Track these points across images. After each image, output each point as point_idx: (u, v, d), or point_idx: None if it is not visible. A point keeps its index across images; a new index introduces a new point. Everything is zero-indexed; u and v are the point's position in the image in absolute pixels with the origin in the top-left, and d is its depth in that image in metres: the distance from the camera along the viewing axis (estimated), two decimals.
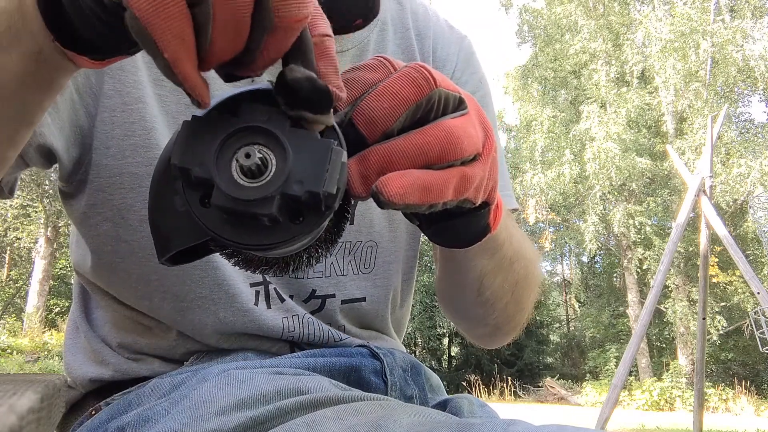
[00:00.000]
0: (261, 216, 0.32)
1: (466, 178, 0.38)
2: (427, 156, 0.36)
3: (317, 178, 0.32)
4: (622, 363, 4.99)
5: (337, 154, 0.33)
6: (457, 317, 0.74)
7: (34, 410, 0.26)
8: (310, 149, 0.32)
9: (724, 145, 15.64)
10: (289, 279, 0.65)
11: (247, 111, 0.33)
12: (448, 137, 0.36)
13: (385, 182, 0.34)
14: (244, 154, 0.32)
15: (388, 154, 0.35)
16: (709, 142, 5.41)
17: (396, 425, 0.45)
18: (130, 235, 0.61)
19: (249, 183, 0.32)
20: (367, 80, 0.37)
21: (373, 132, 0.36)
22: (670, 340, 18.26)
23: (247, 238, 0.33)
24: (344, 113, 0.36)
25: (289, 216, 0.33)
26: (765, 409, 13.76)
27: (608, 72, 16.88)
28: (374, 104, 0.35)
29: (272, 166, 0.32)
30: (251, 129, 0.32)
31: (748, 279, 5.08)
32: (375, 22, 0.75)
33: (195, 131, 0.33)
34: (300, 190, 0.32)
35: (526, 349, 20.50)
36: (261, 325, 0.62)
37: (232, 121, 0.33)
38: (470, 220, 0.44)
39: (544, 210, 18.77)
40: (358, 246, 0.69)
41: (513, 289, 0.65)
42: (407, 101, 0.36)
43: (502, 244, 0.59)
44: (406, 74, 0.36)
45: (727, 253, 7.25)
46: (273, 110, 0.33)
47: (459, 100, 0.38)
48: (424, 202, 0.35)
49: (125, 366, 0.63)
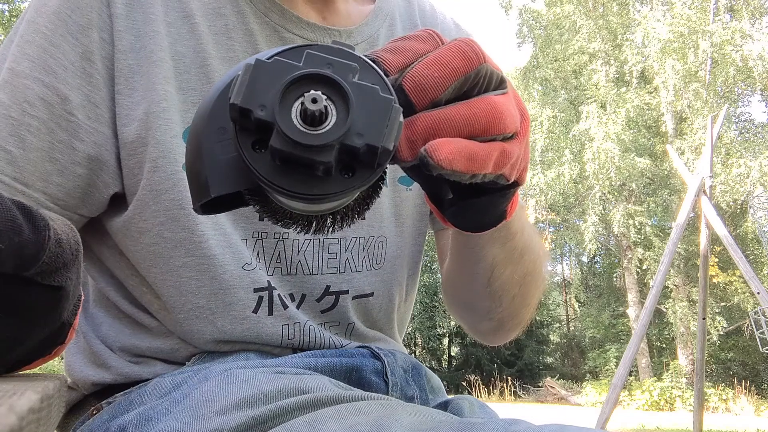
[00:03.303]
0: (318, 164, 0.32)
1: (506, 153, 0.38)
2: (473, 127, 0.36)
3: (378, 132, 0.32)
4: (622, 363, 4.99)
5: (396, 111, 0.33)
6: (462, 310, 0.74)
7: (34, 410, 0.25)
8: (372, 103, 0.33)
9: (724, 146, 15.63)
10: (303, 276, 0.65)
11: (310, 59, 0.33)
12: (493, 111, 0.37)
13: (435, 147, 0.34)
14: (311, 99, 0.31)
15: (437, 122, 0.36)
16: (709, 142, 5.41)
17: (397, 424, 0.45)
18: (133, 245, 0.62)
19: (310, 130, 0.32)
20: (417, 50, 0.37)
21: (422, 99, 0.36)
22: (670, 340, 18.25)
23: (297, 186, 0.33)
24: (394, 79, 0.36)
25: (341, 168, 0.33)
26: (765, 409, 13.74)
27: (608, 72, 16.88)
28: (425, 72, 0.36)
29: (332, 116, 0.32)
30: (315, 76, 0.32)
31: (748, 279, 5.08)
32: (384, 16, 0.75)
33: (257, 74, 0.33)
34: (360, 141, 0.32)
35: (526, 349, 20.49)
36: (260, 333, 0.62)
37: (295, 67, 0.33)
38: (495, 200, 0.45)
39: (544, 210, 18.77)
40: (370, 241, 0.69)
41: (521, 282, 0.65)
42: (457, 72, 0.36)
43: (515, 234, 0.60)
44: (458, 47, 0.37)
45: (727, 253, 7.25)
46: (336, 60, 0.34)
47: (501, 79, 0.39)
48: (469, 170, 0.36)
49: (127, 369, 0.63)
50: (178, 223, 0.60)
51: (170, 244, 0.60)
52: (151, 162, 0.59)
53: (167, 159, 0.59)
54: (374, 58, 0.36)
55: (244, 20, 0.65)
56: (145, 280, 0.63)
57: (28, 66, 0.57)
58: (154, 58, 0.60)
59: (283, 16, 0.67)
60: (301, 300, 0.66)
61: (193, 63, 0.62)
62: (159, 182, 0.59)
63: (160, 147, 0.59)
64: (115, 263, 0.65)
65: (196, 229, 0.60)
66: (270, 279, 0.63)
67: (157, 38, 0.61)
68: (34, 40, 0.58)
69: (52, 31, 0.58)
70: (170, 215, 0.60)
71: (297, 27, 0.67)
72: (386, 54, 0.36)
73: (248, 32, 0.65)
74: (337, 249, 0.67)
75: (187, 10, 0.63)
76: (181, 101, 0.61)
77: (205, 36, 0.63)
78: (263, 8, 0.66)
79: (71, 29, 0.59)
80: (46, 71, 0.57)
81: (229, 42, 0.64)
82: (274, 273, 0.64)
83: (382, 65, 0.36)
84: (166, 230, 0.60)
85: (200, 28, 0.63)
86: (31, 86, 0.56)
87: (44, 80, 0.57)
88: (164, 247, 0.60)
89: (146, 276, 0.62)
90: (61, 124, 0.57)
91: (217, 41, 0.64)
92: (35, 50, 0.57)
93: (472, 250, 0.62)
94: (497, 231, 0.50)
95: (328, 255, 0.66)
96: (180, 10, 0.63)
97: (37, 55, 0.57)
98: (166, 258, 0.61)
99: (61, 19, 0.59)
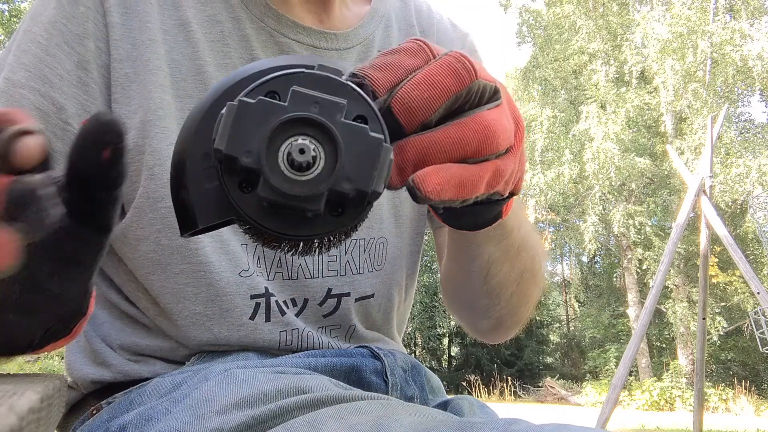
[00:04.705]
0: (307, 210, 0.32)
1: (499, 172, 0.38)
2: (464, 150, 0.35)
3: (367, 177, 0.32)
4: (622, 363, 4.99)
5: (386, 152, 0.32)
6: (461, 309, 0.73)
7: (34, 410, 0.25)
8: (361, 145, 0.32)
9: (724, 146, 15.64)
10: (304, 280, 0.65)
11: (295, 99, 0.32)
12: (485, 132, 0.36)
13: (423, 178, 0.33)
14: (298, 150, 0.31)
15: (426, 147, 0.35)
16: (709, 142, 5.41)
17: (397, 424, 0.45)
18: (131, 252, 0.62)
19: (297, 176, 0.31)
20: (406, 66, 0.36)
21: (411, 122, 0.35)
22: (670, 340, 18.26)
23: (286, 228, 0.32)
24: (383, 100, 0.35)
25: (329, 209, 0.33)
26: (765, 409, 13.75)
27: (607, 72, 16.89)
28: (414, 93, 0.34)
29: (320, 159, 0.31)
30: (304, 120, 0.31)
31: (748, 279, 5.08)
32: (380, 18, 0.75)
33: (242, 117, 0.31)
34: (349, 188, 0.31)
35: (526, 349, 20.51)
36: (257, 339, 0.62)
37: (281, 109, 0.32)
38: (490, 207, 0.45)
39: (544, 210, 18.77)
40: (371, 243, 0.69)
41: (519, 279, 0.65)
42: (448, 92, 0.35)
43: (511, 231, 0.59)
44: (448, 64, 0.35)
45: (727, 253, 7.24)
46: (323, 99, 0.32)
47: (494, 90, 0.38)
48: (459, 198, 0.35)
49: (127, 368, 0.63)
50: (175, 231, 0.60)
51: (167, 252, 0.60)
52: (147, 170, 0.59)
53: (164, 167, 0.59)
54: (362, 78, 0.35)
55: (240, 26, 0.65)
56: (143, 286, 0.63)
57: (24, 75, 0.57)
58: (151, 66, 0.60)
59: (278, 20, 0.67)
60: (304, 305, 0.65)
61: (190, 71, 0.62)
62: (156, 190, 0.59)
63: (156, 155, 0.59)
64: (113, 269, 0.65)
65: None
66: (269, 284, 0.63)
67: (153, 46, 0.61)
68: (29, 49, 0.58)
69: (47, 41, 0.58)
70: (167, 223, 0.60)
71: (293, 31, 0.67)
72: (375, 72, 0.35)
73: (244, 38, 0.65)
74: (337, 252, 0.67)
75: (183, 18, 0.63)
76: (178, 109, 0.61)
77: (201, 43, 0.63)
78: (258, 13, 0.66)
79: (67, 38, 0.59)
80: (41, 80, 0.57)
81: (225, 49, 0.64)
82: (275, 278, 0.64)
83: (370, 87, 0.35)
84: (164, 237, 0.60)
85: (196, 36, 0.63)
86: (27, 95, 0.57)
87: (40, 89, 0.57)
88: (161, 255, 0.61)
89: (144, 282, 0.62)
90: (57, 134, 0.58)
91: (213, 48, 0.64)
92: (31, 60, 0.57)
93: (468, 248, 0.62)
94: (493, 229, 0.50)
95: (328, 258, 0.66)
96: (176, 18, 0.63)
97: (33, 65, 0.58)
98: (163, 265, 0.61)
99: (57, 29, 0.59)
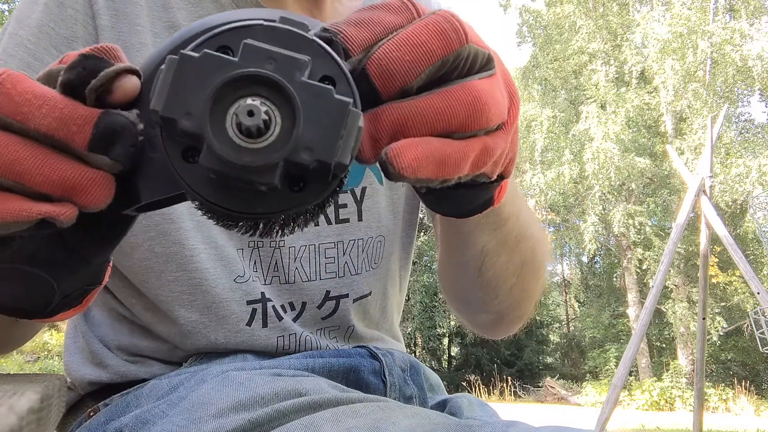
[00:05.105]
0: (259, 184, 0.27)
1: (487, 151, 0.32)
2: (449, 123, 0.30)
3: (330, 146, 0.26)
4: (622, 363, 4.99)
5: (353, 117, 0.27)
6: (457, 302, 0.71)
7: (34, 410, 0.25)
8: (324, 108, 0.27)
9: (724, 146, 15.64)
10: (301, 284, 0.64)
11: (248, 53, 0.27)
12: (475, 103, 0.30)
13: (398, 151, 0.29)
14: (246, 112, 0.26)
15: (405, 116, 0.30)
16: (709, 142, 5.41)
17: (394, 427, 0.45)
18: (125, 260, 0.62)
19: (247, 143, 0.26)
20: (387, 23, 0.31)
21: (388, 87, 0.30)
22: (670, 340, 18.26)
23: (235, 204, 0.28)
24: (357, 60, 0.30)
25: (288, 183, 0.28)
26: (765, 409, 13.75)
27: (607, 72, 16.88)
28: (394, 54, 0.29)
29: (275, 123, 0.26)
30: (255, 77, 0.26)
31: (748, 279, 5.08)
32: None
33: (182, 72, 0.27)
34: (309, 158, 0.26)
35: (526, 349, 20.50)
36: (254, 345, 0.62)
37: (230, 64, 0.27)
38: (476, 192, 0.39)
39: (544, 210, 18.77)
40: (369, 242, 0.68)
41: (519, 272, 0.60)
42: (433, 55, 0.30)
43: (507, 219, 0.54)
44: (435, 23, 0.30)
45: (727, 253, 7.24)
46: (280, 54, 0.27)
47: (487, 58, 0.33)
48: (438, 177, 0.30)
49: (124, 368, 0.63)
50: (169, 238, 0.59)
51: (161, 259, 0.60)
52: None
53: None
54: (333, 34, 0.30)
55: None
56: (138, 293, 0.62)
57: None
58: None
59: None
60: (302, 308, 0.65)
61: None
62: None
63: None
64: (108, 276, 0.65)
65: (186, 243, 0.59)
66: (266, 289, 0.63)
67: (143, 50, 0.60)
68: (16, 54, 0.57)
69: (35, 45, 0.57)
70: (160, 230, 0.59)
71: None
72: (349, 28, 0.30)
73: None
74: (335, 253, 0.66)
75: (173, 20, 0.62)
76: None
77: None
78: None
79: (55, 42, 0.58)
80: None
81: None
82: (272, 282, 0.64)
83: (343, 44, 0.30)
84: (157, 245, 0.60)
85: None
86: None
87: None
88: (155, 262, 0.60)
89: (140, 289, 0.62)
90: None
91: None
92: (18, 65, 0.56)
93: (459, 237, 0.57)
94: (485, 217, 0.45)
95: (325, 260, 0.66)
96: (166, 20, 0.62)
97: (20, 70, 0.57)
98: (158, 273, 0.60)
99: (44, 32, 0.58)
